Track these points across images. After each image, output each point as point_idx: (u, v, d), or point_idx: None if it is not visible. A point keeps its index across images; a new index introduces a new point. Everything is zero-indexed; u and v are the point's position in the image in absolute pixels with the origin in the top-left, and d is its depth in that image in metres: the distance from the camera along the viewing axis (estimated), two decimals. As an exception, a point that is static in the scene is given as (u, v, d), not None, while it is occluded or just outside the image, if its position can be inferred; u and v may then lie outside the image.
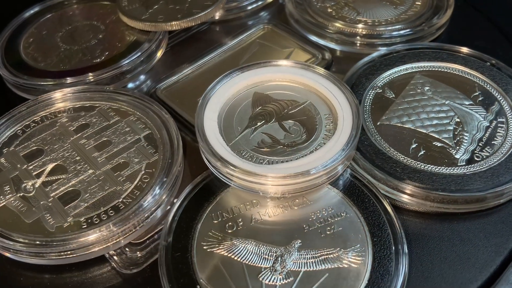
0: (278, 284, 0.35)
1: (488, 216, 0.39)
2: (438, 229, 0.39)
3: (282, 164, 0.38)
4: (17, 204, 0.39)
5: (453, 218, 0.39)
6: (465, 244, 0.38)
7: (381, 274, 0.35)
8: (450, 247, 0.38)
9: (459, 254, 0.37)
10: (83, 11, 0.56)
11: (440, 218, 0.39)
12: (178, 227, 0.37)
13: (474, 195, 0.38)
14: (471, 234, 0.38)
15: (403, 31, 0.51)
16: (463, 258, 0.37)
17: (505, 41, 0.53)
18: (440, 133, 0.42)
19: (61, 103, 0.46)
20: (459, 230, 0.38)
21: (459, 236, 0.38)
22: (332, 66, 0.50)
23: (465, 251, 0.37)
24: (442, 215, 0.39)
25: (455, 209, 0.39)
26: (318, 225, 0.37)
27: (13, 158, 0.42)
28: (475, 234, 0.38)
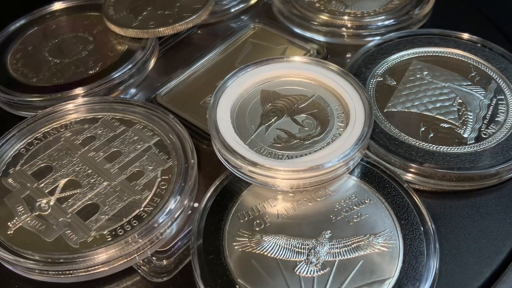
0: (315, 275, 0.35)
1: (503, 190, 0.40)
2: (457, 207, 0.40)
3: (302, 157, 0.38)
4: (34, 224, 0.38)
5: (470, 195, 0.40)
6: (485, 219, 0.39)
7: (414, 255, 0.35)
8: (472, 223, 0.39)
9: (481, 229, 0.38)
10: (67, 24, 0.55)
11: (458, 196, 0.40)
12: (207, 230, 0.37)
13: (488, 171, 0.39)
14: (489, 208, 0.39)
15: (392, 21, 0.52)
16: (486, 232, 0.38)
17: (487, 23, 0.55)
18: (446, 114, 0.43)
19: (62, 118, 0.45)
20: (477, 206, 0.40)
21: (478, 212, 0.39)
22: (327, 59, 0.51)
23: (486, 225, 0.38)
24: (459, 193, 0.40)
25: (470, 186, 0.40)
26: (344, 214, 0.38)
27: (21, 177, 0.41)
28: (493, 208, 0.39)
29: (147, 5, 0.53)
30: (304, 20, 0.54)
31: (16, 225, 0.38)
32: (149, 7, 0.53)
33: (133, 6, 0.53)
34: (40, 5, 0.56)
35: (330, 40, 0.53)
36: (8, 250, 0.37)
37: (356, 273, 0.35)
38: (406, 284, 0.34)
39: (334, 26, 0.53)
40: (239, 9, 0.58)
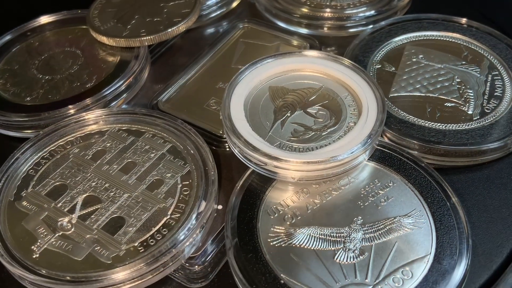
0: (355, 262, 0.35)
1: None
2: (472, 181, 0.41)
3: (324, 148, 0.39)
4: (60, 244, 0.37)
5: (483, 168, 0.42)
6: (501, 189, 0.41)
7: (446, 230, 0.36)
8: (489, 195, 0.40)
9: (500, 199, 0.40)
10: (50, 40, 0.53)
11: (471, 171, 0.42)
12: (240, 229, 0.37)
13: (498, 143, 0.41)
14: (503, 179, 0.41)
15: (373, 12, 0.53)
16: (504, 202, 0.40)
17: (464, 4, 0.57)
18: (447, 94, 0.45)
19: (67, 134, 0.44)
20: (491, 178, 0.41)
21: (494, 183, 0.41)
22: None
23: (503, 195, 0.40)
24: (472, 168, 0.42)
25: (482, 160, 0.42)
26: (372, 199, 0.38)
27: (35, 199, 0.40)
28: (507, 179, 0.41)
29: (133, 14, 0.52)
30: (290, 14, 0.54)
31: (40, 247, 0.37)
32: (136, 15, 0.52)
33: (119, 15, 0.52)
34: (19, 23, 0.55)
35: (315, 32, 0.54)
36: (38, 274, 0.35)
37: (394, 254, 0.35)
38: (444, 258, 0.35)
39: (321, 19, 0.54)
40: (220, 14, 0.57)
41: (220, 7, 0.57)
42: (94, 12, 0.53)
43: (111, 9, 0.53)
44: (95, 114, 0.45)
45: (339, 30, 0.55)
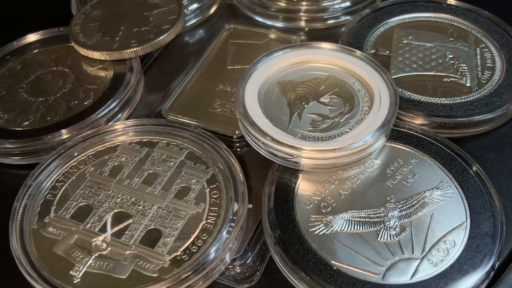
0: (399, 238, 0.36)
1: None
2: (486, 147, 0.43)
3: (347, 134, 0.40)
4: (100, 265, 0.36)
5: (490, 135, 0.44)
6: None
7: (475, 195, 0.38)
8: (502, 160, 0.42)
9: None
10: (33, 61, 0.51)
11: (480, 140, 0.44)
12: (280, 223, 0.37)
13: (502, 110, 0.43)
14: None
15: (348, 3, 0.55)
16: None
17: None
18: (444, 70, 0.47)
19: (78, 154, 0.42)
20: (500, 145, 0.43)
21: (504, 147, 0.43)
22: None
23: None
24: (480, 136, 0.44)
25: (489, 128, 0.44)
26: (399, 177, 0.39)
27: (61, 223, 0.38)
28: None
29: (118, 26, 0.51)
30: (267, 9, 0.55)
31: (80, 271, 0.35)
32: (121, 27, 0.51)
33: (103, 29, 0.51)
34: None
35: (307, 26, 0.55)
36: (85, 299, 0.34)
37: (433, 226, 0.37)
38: (481, 223, 0.36)
39: (298, 12, 0.55)
40: (200, 19, 0.57)
41: (197, 14, 0.57)
42: (76, 28, 0.51)
43: (93, 24, 0.52)
44: (102, 130, 0.44)
45: (318, 22, 0.56)
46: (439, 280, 0.34)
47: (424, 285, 0.34)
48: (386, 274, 0.34)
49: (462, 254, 0.35)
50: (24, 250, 0.36)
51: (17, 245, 0.36)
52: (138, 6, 0.53)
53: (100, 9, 0.54)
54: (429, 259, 0.35)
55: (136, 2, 0.54)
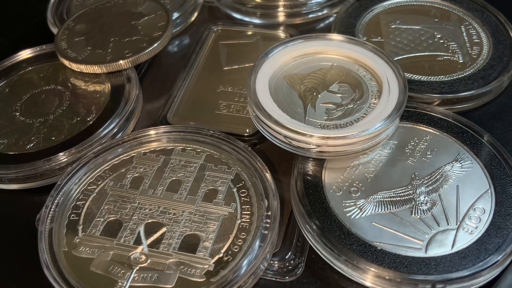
0: (432, 212, 0.37)
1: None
2: (487, 117, 0.45)
3: (365, 119, 0.40)
4: (144, 277, 0.35)
5: (489, 106, 0.46)
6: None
7: (493, 162, 0.40)
8: (505, 128, 0.44)
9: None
10: (22, 82, 0.49)
11: (480, 111, 0.46)
12: (316, 213, 0.37)
13: (497, 80, 0.45)
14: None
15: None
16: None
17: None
18: (435, 50, 0.49)
19: (92, 171, 0.41)
20: (500, 111, 0.46)
21: (503, 115, 0.45)
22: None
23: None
24: (484, 106, 0.46)
25: (487, 99, 0.46)
26: (418, 154, 0.41)
27: (92, 242, 0.37)
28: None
29: (106, 38, 0.50)
30: (244, 5, 0.56)
31: (124, 287, 0.34)
32: (111, 38, 0.50)
33: (91, 42, 0.50)
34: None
35: (267, 21, 0.56)
36: (134, 314, 0.33)
37: (461, 196, 0.38)
38: (505, 186, 0.38)
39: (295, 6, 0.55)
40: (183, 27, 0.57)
41: (181, 21, 0.56)
42: (62, 44, 0.50)
43: (79, 38, 0.51)
44: (112, 144, 0.43)
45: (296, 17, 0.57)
46: (479, 246, 0.35)
47: (466, 253, 0.35)
48: (428, 248, 0.35)
49: (494, 218, 0.37)
50: (61, 274, 0.35)
51: (52, 270, 0.35)
52: (123, 16, 0.53)
53: (83, 23, 0.52)
54: (464, 228, 0.36)
55: (119, 13, 0.53)
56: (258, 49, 0.52)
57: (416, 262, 0.35)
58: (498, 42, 0.49)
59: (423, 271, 0.34)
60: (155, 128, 0.44)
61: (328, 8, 0.56)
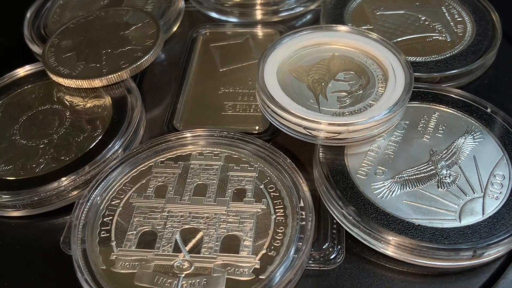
0: (456, 183, 0.39)
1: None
2: (481, 89, 0.47)
3: (378, 102, 0.41)
4: (193, 283, 0.34)
5: (483, 77, 0.48)
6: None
7: (502, 130, 0.42)
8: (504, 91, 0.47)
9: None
10: (13, 106, 0.47)
11: (477, 83, 0.48)
12: (349, 198, 0.38)
13: (490, 52, 0.48)
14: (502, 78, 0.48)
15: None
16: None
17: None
18: (423, 31, 0.51)
19: (113, 185, 0.40)
20: (492, 82, 0.48)
21: (495, 87, 0.48)
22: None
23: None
24: (477, 80, 0.48)
25: (481, 72, 0.48)
26: (431, 130, 0.42)
27: (129, 256, 0.36)
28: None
29: (98, 51, 0.49)
30: (222, 5, 0.56)
31: (174, 296, 0.34)
32: (102, 51, 0.49)
33: (82, 57, 0.49)
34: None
35: (245, 20, 0.57)
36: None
37: (480, 165, 0.40)
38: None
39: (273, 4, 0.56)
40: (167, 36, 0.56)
41: (166, 30, 0.55)
42: (50, 61, 0.48)
43: (67, 54, 0.49)
44: (127, 156, 0.42)
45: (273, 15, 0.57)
46: (508, 210, 0.37)
47: (497, 218, 0.37)
48: (461, 217, 0.37)
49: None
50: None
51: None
52: (109, 28, 0.51)
53: (68, 38, 0.51)
54: (489, 195, 0.38)
55: (104, 25, 0.52)
56: (250, 48, 0.53)
57: (454, 232, 0.36)
58: (479, 19, 0.51)
59: (462, 239, 0.35)
60: (170, 135, 0.43)
61: (303, 6, 0.57)
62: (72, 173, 0.41)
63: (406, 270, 0.37)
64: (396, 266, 0.37)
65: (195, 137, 0.43)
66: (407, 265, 0.37)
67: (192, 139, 0.43)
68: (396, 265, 0.37)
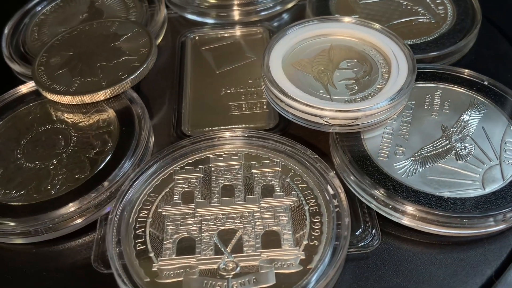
0: (472, 154, 0.41)
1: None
2: (473, 63, 0.50)
3: (386, 86, 0.43)
4: (244, 283, 0.34)
5: (470, 53, 0.50)
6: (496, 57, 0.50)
7: (502, 100, 0.44)
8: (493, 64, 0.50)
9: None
10: (10, 131, 0.45)
11: (465, 60, 0.50)
12: (379, 182, 0.39)
13: (475, 29, 0.50)
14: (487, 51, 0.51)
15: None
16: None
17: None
18: (407, 16, 0.53)
19: (136, 198, 0.39)
20: (479, 57, 0.50)
21: (487, 60, 0.50)
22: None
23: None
24: (465, 56, 0.50)
25: (468, 48, 0.50)
26: (436, 107, 0.44)
27: (172, 265, 0.36)
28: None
29: (91, 64, 0.48)
30: (199, 6, 0.56)
31: (231, 297, 0.34)
32: (96, 64, 0.48)
33: (77, 72, 0.47)
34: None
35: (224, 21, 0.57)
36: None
37: (490, 135, 0.42)
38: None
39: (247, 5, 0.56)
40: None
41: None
42: (43, 80, 0.47)
43: (59, 71, 0.48)
44: (145, 166, 0.41)
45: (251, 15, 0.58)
46: (526, 173, 0.39)
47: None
48: (484, 185, 0.38)
49: (527, 146, 0.41)
50: (157, 304, 0.33)
51: (145, 304, 0.33)
52: (98, 40, 0.50)
53: (56, 56, 0.49)
54: (505, 161, 0.40)
55: (91, 38, 0.51)
56: (242, 48, 0.53)
57: (481, 200, 0.38)
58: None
59: (491, 205, 0.37)
60: (183, 141, 0.42)
61: (281, 5, 0.58)
62: (92, 190, 0.40)
63: (441, 242, 0.38)
64: (430, 239, 0.38)
65: (208, 140, 0.43)
66: (440, 237, 0.38)
67: (205, 144, 0.42)
68: (430, 239, 0.38)
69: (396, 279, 0.36)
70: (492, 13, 0.54)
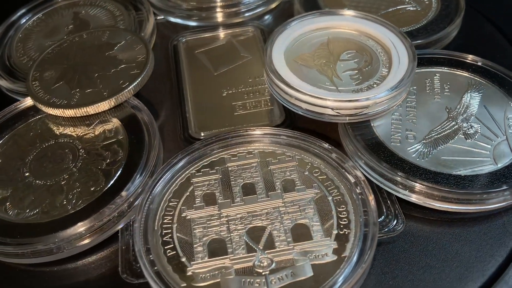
0: (480, 132, 0.42)
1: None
2: (463, 46, 0.51)
3: (390, 74, 0.44)
4: (282, 277, 0.35)
5: (458, 37, 0.52)
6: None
7: (498, 78, 0.46)
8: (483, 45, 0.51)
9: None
10: (12, 150, 0.44)
11: (454, 43, 0.52)
12: (397, 167, 0.40)
13: (461, 12, 0.52)
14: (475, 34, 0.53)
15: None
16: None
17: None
18: (394, 5, 0.54)
19: (158, 204, 0.39)
20: (470, 39, 0.52)
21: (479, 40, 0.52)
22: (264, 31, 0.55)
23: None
24: (453, 40, 0.52)
25: (457, 32, 0.52)
26: (437, 90, 0.45)
27: (207, 267, 0.35)
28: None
29: (88, 76, 0.47)
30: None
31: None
32: (94, 74, 0.47)
33: (74, 84, 0.46)
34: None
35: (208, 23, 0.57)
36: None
37: (493, 113, 0.43)
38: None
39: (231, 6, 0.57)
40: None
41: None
42: (40, 95, 0.46)
43: (56, 85, 0.47)
44: (161, 171, 0.41)
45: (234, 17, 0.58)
46: (534, 146, 0.41)
47: (528, 154, 0.40)
48: (496, 161, 0.40)
49: (529, 121, 0.42)
50: (197, 311, 0.33)
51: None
52: (90, 51, 0.49)
53: (50, 69, 0.48)
54: (510, 136, 0.41)
55: (84, 49, 0.50)
56: (236, 48, 0.53)
57: (496, 175, 0.39)
58: (437, -15, 0.55)
59: (506, 179, 0.38)
60: (196, 143, 0.42)
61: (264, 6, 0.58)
62: (110, 202, 0.39)
63: (462, 219, 0.39)
64: (451, 217, 0.39)
65: (222, 140, 0.43)
66: (460, 214, 0.39)
67: (218, 146, 0.42)
68: (450, 217, 0.39)
69: (425, 260, 0.37)
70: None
